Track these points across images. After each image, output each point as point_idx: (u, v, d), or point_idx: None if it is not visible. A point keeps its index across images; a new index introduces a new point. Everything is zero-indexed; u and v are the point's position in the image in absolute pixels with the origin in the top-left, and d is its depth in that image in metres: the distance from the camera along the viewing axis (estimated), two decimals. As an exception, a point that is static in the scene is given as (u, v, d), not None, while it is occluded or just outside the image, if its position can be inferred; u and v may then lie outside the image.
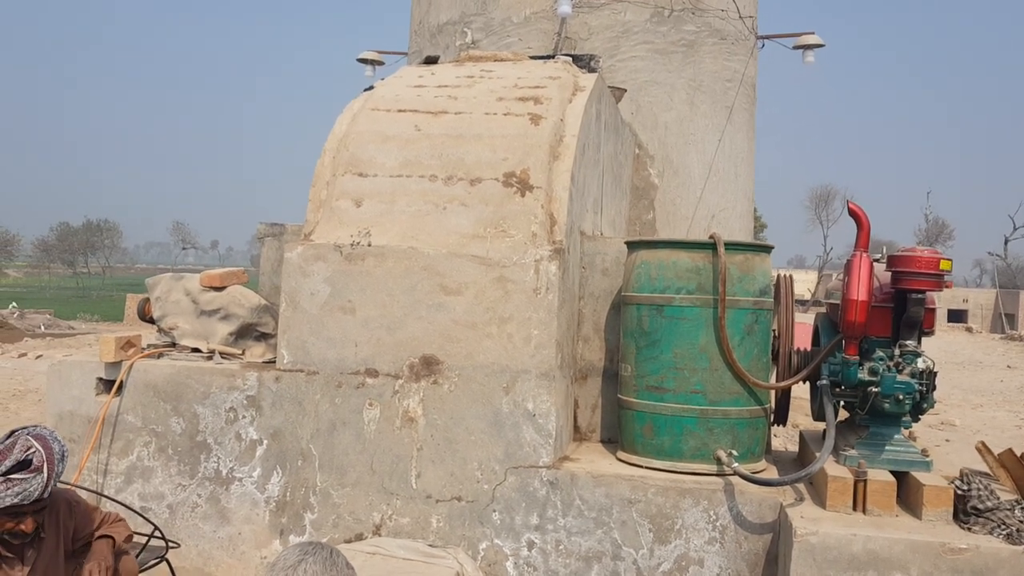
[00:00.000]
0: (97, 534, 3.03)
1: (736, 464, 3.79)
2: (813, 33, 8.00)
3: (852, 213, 3.78)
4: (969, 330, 31.98)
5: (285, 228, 5.16)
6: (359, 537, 4.07)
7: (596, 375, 4.58)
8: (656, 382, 3.98)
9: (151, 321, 4.94)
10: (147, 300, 4.94)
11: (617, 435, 4.31)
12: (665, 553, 3.79)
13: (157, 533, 3.74)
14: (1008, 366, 17.83)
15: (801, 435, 4.60)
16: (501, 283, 4.03)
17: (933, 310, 3.81)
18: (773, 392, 4.21)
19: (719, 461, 3.85)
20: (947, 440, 8.29)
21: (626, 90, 6.81)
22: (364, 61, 8.82)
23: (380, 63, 8.84)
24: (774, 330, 4.23)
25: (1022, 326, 34.42)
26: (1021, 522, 3.41)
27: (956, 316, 38.16)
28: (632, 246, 4.29)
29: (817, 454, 3.71)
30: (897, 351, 3.75)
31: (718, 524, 3.74)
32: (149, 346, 4.72)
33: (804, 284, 37.92)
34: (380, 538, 4.02)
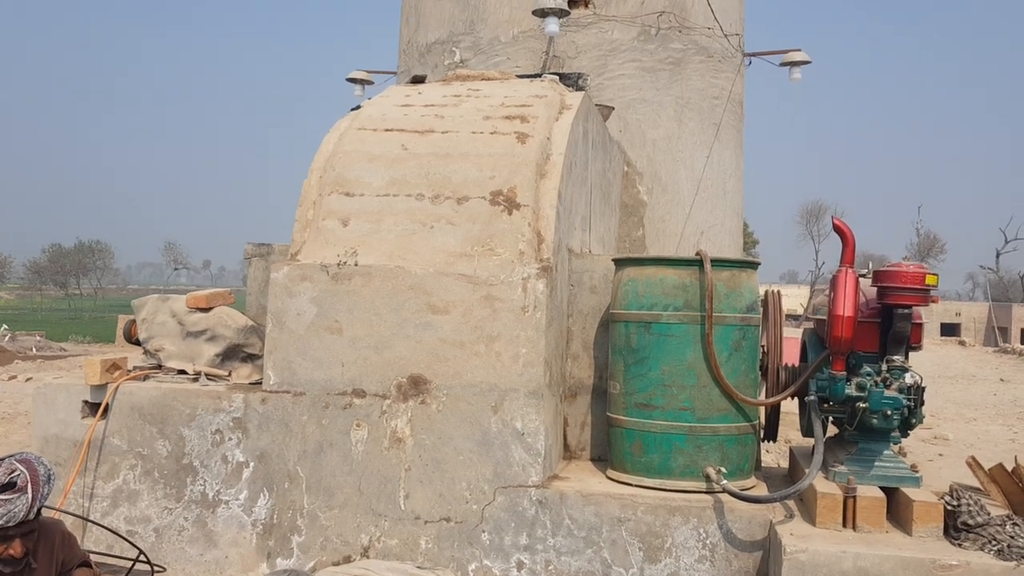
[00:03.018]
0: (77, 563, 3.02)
1: (725, 481, 3.77)
2: (800, 50, 8.05)
3: (837, 229, 3.79)
4: (962, 344, 32.03)
5: (272, 248, 5.15)
6: (347, 559, 4.04)
7: (585, 393, 4.57)
8: (644, 399, 3.97)
9: (137, 343, 4.92)
10: (133, 322, 4.91)
11: (607, 453, 4.29)
12: (655, 572, 3.76)
13: (142, 558, 3.71)
14: (1001, 379, 17.84)
15: (791, 451, 4.58)
16: (489, 301, 4.02)
17: (920, 325, 3.81)
18: (763, 408, 4.20)
19: (708, 478, 3.84)
20: (940, 455, 8.27)
21: (614, 108, 6.84)
22: (353, 81, 8.85)
23: (369, 83, 8.87)
24: (763, 346, 4.22)
25: (1015, 339, 34.51)
26: (1012, 537, 3.40)
27: (949, 330, 38.25)
28: (620, 263, 4.29)
29: (807, 470, 3.69)
30: (884, 366, 3.75)
31: (708, 542, 3.72)
32: (135, 368, 4.69)
33: (796, 299, 38.00)
34: (368, 560, 3.98)
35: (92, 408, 4.46)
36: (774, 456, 6.99)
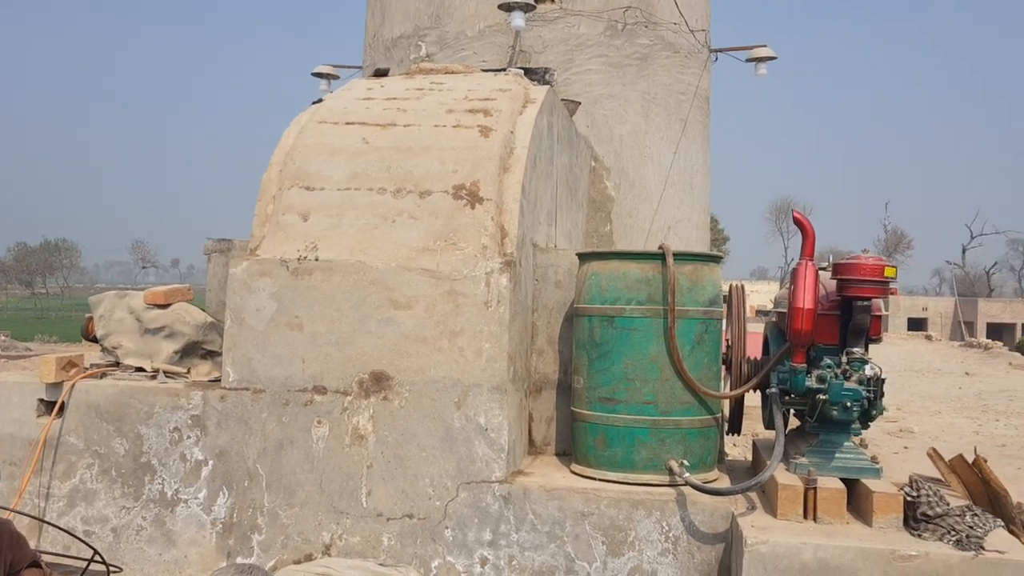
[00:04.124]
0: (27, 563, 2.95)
1: (688, 474, 3.77)
2: (765, 46, 8.08)
3: (797, 222, 3.80)
4: (929, 338, 32.43)
5: (233, 244, 5.08)
6: (309, 558, 3.99)
7: (551, 388, 4.55)
8: (608, 393, 3.96)
9: (95, 340, 4.83)
10: (90, 319, 4.82)
11: (572, 448, 4.27)
12: (619, 566, 3.75)
13: (97, 558, 3.63)
14: (967, 373, 18.09)
15: (754, 444, 4.60)
16: (452, 296, 3.99)
17: (879, 317, 3.83)
18: (728, 401, 4.21)
19: (671, 471, 3.83)
20: (905, 447, 8.35)
21: (580, 103, 6.82)
22: (319, 75, 8.76)
23: (335, 77, 8.78)
24: (727, 340, 4.22)
25: (981, 333, 35.04)
26: (971, 527, 3.42)
27: (916, 324, 38.76)
28: (583, 258, 4.27)
29: (768, 462, 3.70)
30: (844, 359, 3.77)
31: (671, 535, 3.72)
32: (92, 366, 4.60)
33: (766, 295, 38.32)
34: (330, 558, 3.94)
35: (48, 407, 4.37)
36: (741, 450, 7.03)
